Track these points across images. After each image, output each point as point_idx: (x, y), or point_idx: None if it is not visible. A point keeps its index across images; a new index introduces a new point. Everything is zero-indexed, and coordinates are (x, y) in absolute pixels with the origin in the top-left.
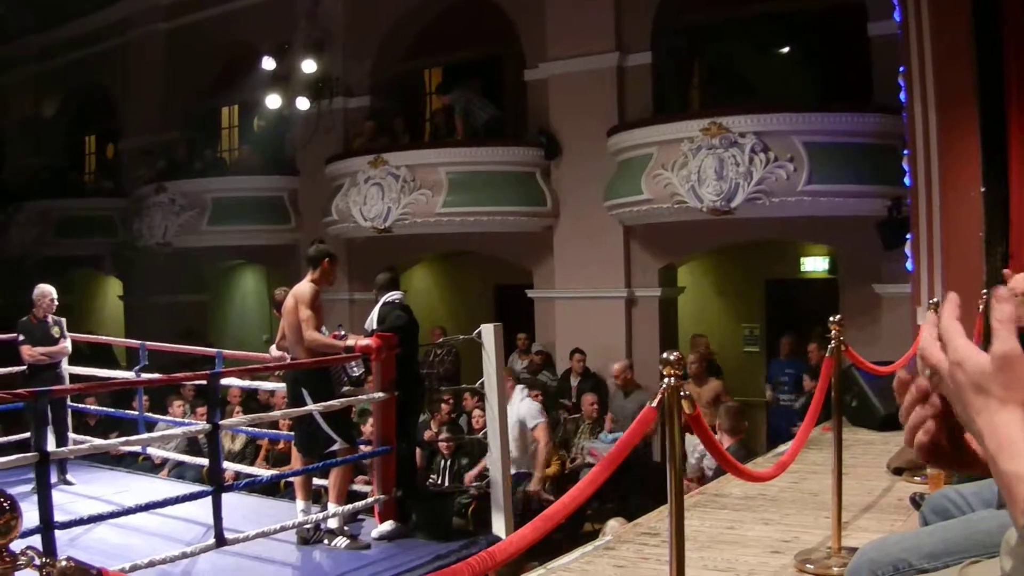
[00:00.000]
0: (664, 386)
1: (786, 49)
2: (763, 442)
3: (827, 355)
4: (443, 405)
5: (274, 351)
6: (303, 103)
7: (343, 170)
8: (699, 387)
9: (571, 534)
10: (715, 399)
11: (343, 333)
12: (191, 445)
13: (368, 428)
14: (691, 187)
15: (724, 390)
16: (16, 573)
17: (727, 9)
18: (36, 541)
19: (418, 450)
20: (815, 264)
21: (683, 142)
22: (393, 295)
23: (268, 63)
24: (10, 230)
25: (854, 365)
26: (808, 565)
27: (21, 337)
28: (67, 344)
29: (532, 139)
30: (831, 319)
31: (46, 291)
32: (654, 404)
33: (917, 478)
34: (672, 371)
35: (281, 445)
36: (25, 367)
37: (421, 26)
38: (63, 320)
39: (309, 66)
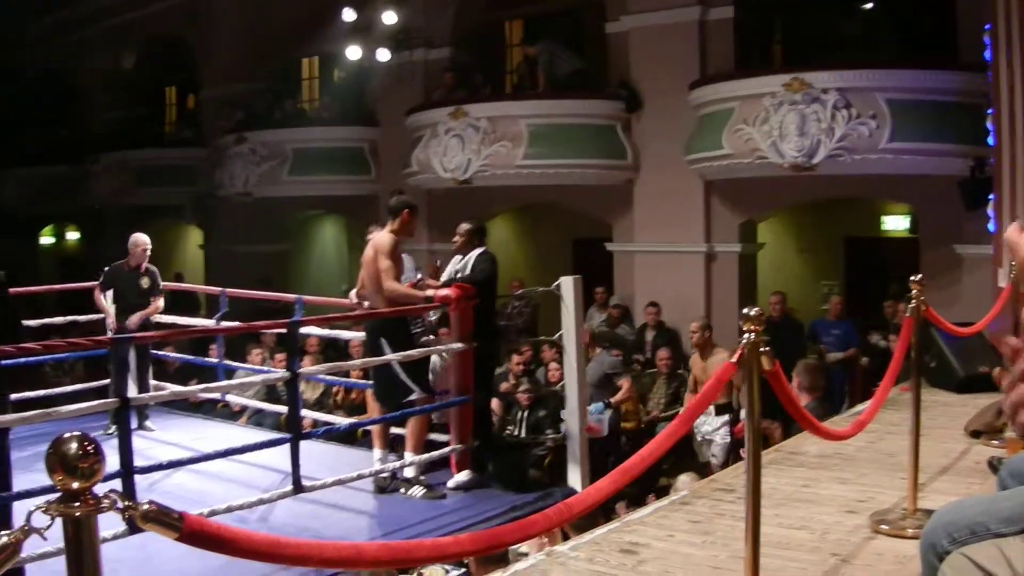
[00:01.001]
0: (744, 342)
1: (870, 4)
2: None
3: (907, 315)
4: (514, 356)
5: (353, 297)
6: (383, 54)
7: (423, 121)
8: (703, 360)
9: (645, 488)
10: None
11: (419, 277)
12: (269, 393)
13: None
14: (772, 142)
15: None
16: (99, 516)
17: None
18: (116, 486)
19: (496, 401)
20: (896, 223)
21: (765, 97)
22: (485, 246)
23: (349, 14)
24: (92, 181)
25: (934, 326)
26: (883, 526)
27: (101, 279)
28: (159, 302)
29: (613, 92)
30: (911, 278)
31: (139, 240)
32: (734, 359)
33: (995, 442)
34: (752, 326)
35: (354, 395)
36: (108, 316)
37: None
38: (156, 271)
39: (390, 17)
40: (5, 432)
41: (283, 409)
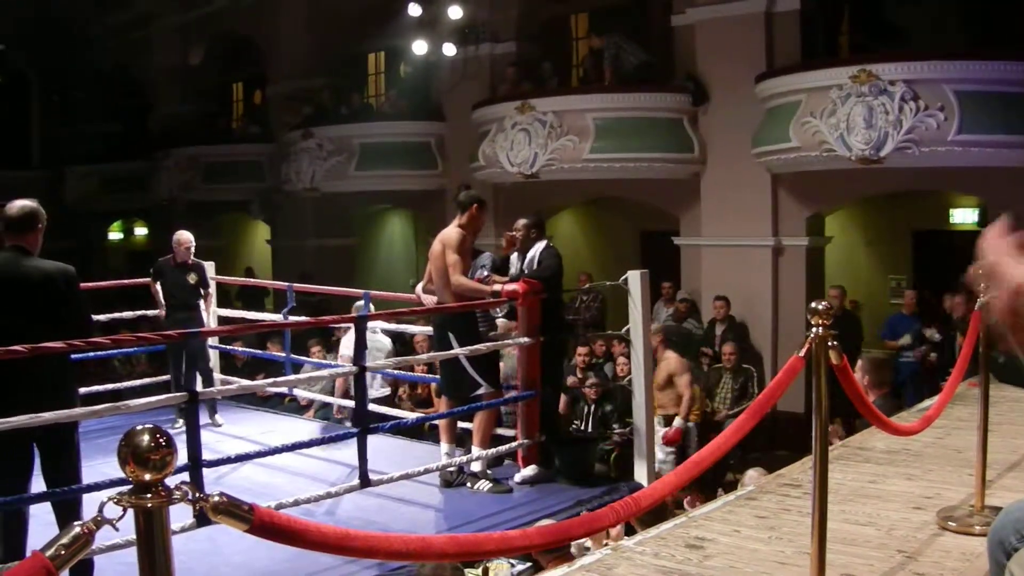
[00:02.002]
0: (812, 336)
1: None
2: None
3: (976, 309)
4: (579, 348)
5: (419, 291)
6: (449, 49)
7: (490, 116)
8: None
9: (712, 483)
10: (668, 380)
11: (487, 274)
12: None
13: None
14: (840, 135)
15: (683, 367)
16: (170, 507)
17: None
18: (184, 478)
19: (563, 396)
20: (964, 216)
21: (832, 89)
22: (546, 240)
23: (414, 9)
24: (159, 176)
25: None
26: (950, 523)
27: (151, 272)
28: (211, 298)
29: (680, 85)
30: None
31: (181, 239)
32: (801, 353)
33: None
34: (820, 320)
35: (419, 389)
36: (160, 310)
37: None
38: (205, 266)
39: (455, 12)
40: (75, 425)
41: (350, 403)
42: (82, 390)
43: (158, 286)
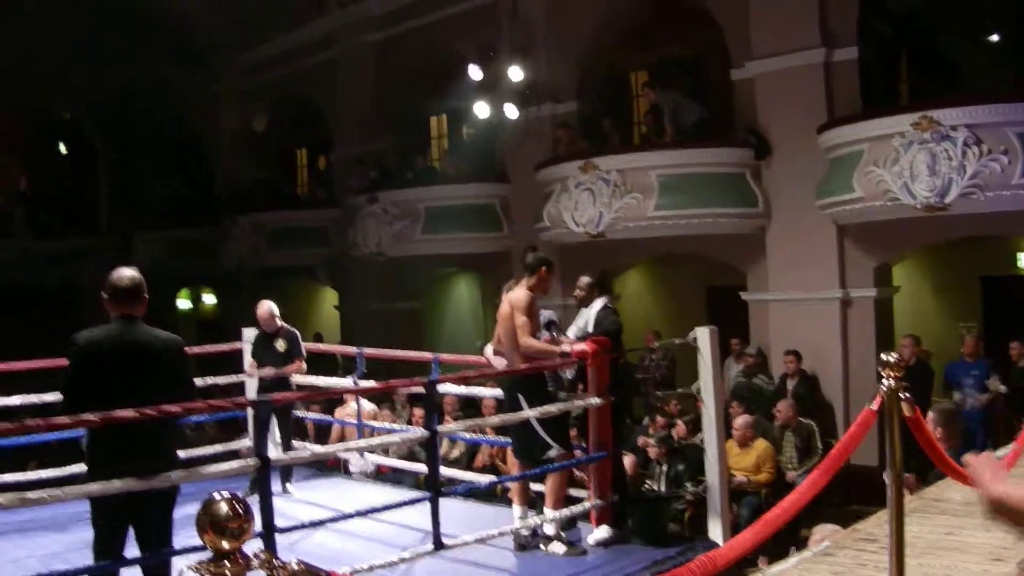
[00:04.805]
0: (883, 388)
1: (995, 37)
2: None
3: None
4: (659, 411)
5: (488, 352)
6: (511, 111)
7: (553, 176)
8: None
9: (787, 540)
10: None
11: (555, 335)
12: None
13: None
14: (904, 183)
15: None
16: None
17: None
18: (257, 545)
19: (633, 456)
20: None
21: (894, 137)
22: (606, 299)
23: (475, 72)
24: (227, 242)
25: None
26: None
27: (249, 347)
28: (299, 364)
29: (741, 139)
30: None
31: (259, 311)
32: (874, 406)
33: None
34: (891, 372)
35: (484, 456)
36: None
37: (625, 29)
38: (295, 334)
39: (515, 73)
40: (176, 491)
41: (422, 467)
42: None
43: (249, 355)
